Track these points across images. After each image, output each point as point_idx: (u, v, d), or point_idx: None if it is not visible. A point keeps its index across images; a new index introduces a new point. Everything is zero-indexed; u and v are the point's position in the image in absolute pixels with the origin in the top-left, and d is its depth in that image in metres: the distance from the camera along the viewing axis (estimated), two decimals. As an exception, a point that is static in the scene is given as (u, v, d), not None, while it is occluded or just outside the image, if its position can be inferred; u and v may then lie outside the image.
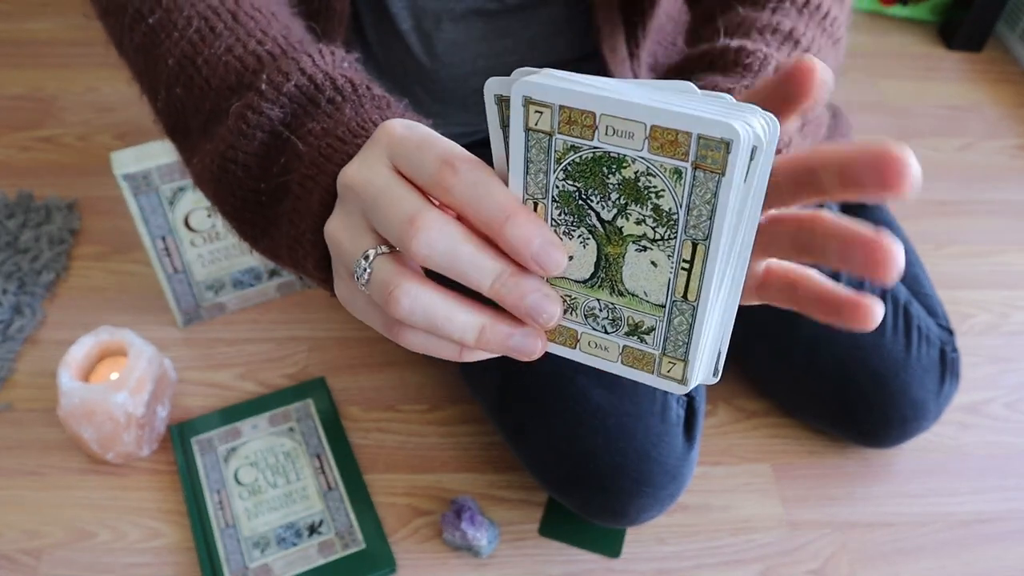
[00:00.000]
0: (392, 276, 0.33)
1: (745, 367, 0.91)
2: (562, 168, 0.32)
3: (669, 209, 0.31)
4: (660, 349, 0.35)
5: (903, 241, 0.89)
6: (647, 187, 0.31)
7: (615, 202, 0.32)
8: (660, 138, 0.30)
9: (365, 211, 0.34)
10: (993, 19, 1.43)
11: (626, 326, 0.35)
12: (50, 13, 1.43)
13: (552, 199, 0.33)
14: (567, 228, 0.33)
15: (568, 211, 0.33)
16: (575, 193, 0.32)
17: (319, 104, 0.42)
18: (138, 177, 0.81)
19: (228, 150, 0.43)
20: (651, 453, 0.71)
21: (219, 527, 0.78)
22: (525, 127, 0.31)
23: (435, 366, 0.94)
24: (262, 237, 0.45)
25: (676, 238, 0.32)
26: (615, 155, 0.31)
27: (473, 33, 0.72)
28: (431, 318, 0.33)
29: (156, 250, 0.88)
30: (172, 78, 0.47)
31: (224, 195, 0.45)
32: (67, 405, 0.78)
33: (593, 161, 0.31)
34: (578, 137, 0.31)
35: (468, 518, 0.77)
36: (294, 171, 0.41)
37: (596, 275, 0.34)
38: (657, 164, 0.30)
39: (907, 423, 0.80)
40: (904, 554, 0.81)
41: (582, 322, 0.36)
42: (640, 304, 0.34)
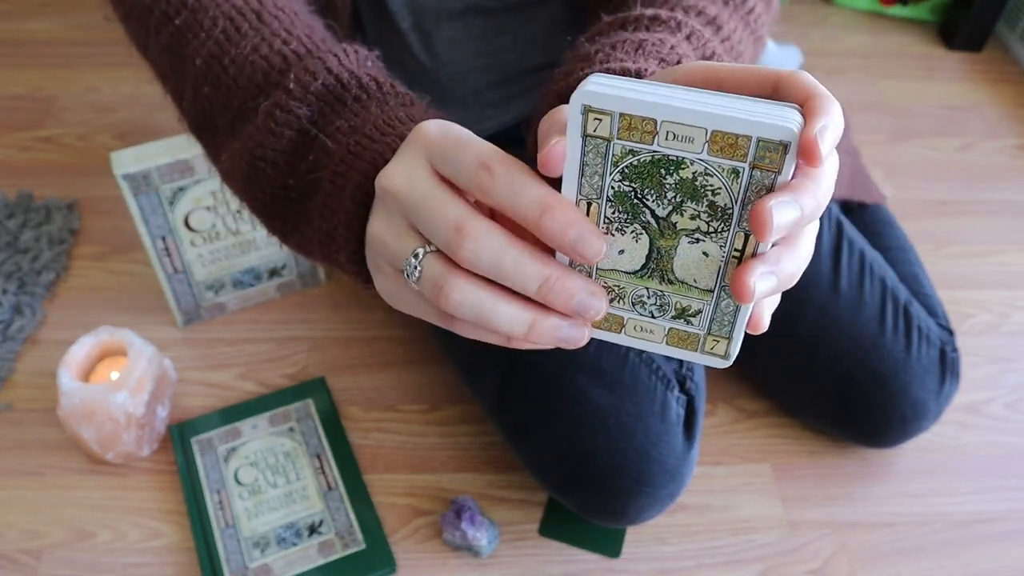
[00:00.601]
0: (441, 273, 0.34)
1: (745, 367, 0.91)
2: (619, 171, 0.33)
3: (724, 205, 0.33)
4: (706, 329, 0.37)
5: (903, 241, 0.89)
6: (704, 186, 0.33)
7: (671, 200, 0.33)
8: (720, 142, 0.31)
9: (407, 214, 0.35)
10: (993, 19, 1.43)
11: (673, 310, 0.37)
12: (50, 13, 1.43)
13: (607, 199, 0.34)
14: (620, 225, 0.35)
15: (623, 209, 0.34)
16: (630, 193, 0.34)
17: (346, 103, 0.43)
18: (138, 177, 0.81)
19: (257, 148, 0.44)
20: (651, 453, 0.71)
21: (219, 527, 0.78)
22: (583, 133, 0.32)
23: (435, 366, 0.94)
24: (292, 232, 0.46)
25: (729, 230, 0.34)
26: (674, 158, 0.32)
27: (472, 31, 0.73)
28: (479, 313, 0.34)
29: (156, 250, 0.88)
30: (200, 78, 0.48)
31: (254, 191, 0.46)
32: (67, 405, 0.78)
33: (651, 164, 0.33)
34: (637, 142, 0.32)
35: (468, 518, 0.77)
36: (324, 168, 0.42)
37: (647, 266, 0.36)
38: (715, 165, 0.32)
39: (907, 423, 0.80)
40: (904, 554, 0.81)
41: (629, 309, 0.37)
42: (689, 290, 0.36)
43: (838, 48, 1.47)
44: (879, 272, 0.81)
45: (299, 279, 1.00)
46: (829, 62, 1.43)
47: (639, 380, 0.72)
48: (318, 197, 0.43)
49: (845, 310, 0.80)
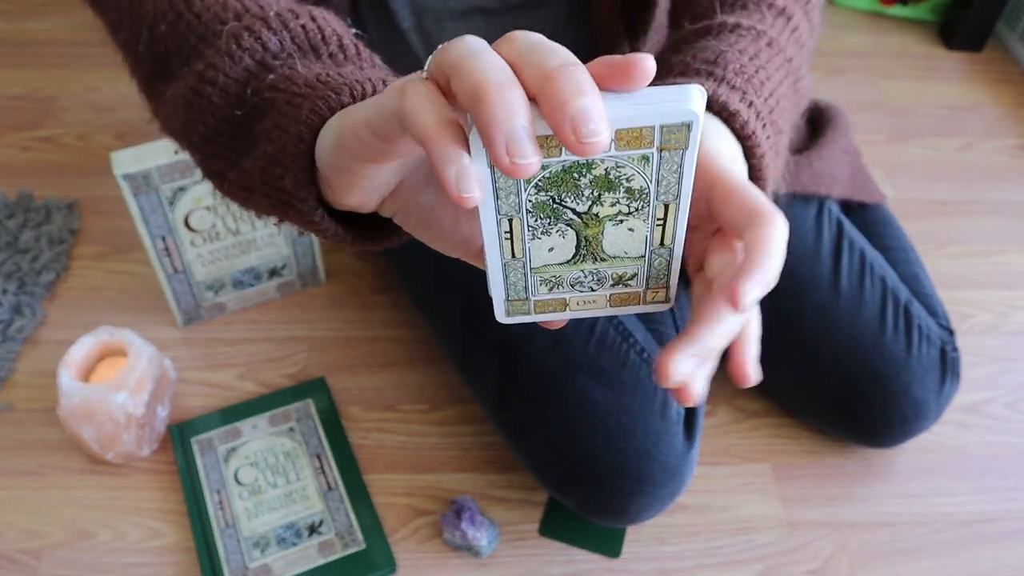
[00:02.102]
0: None
1: (745, 367, 0.90)
2: (533, 186, 0.34)
3: (640, 188, 0.34)
4: (644, 286, 0.39)
5: (903, 241, 0.89)
6: (618, 177, 0.34)
7: (589, 196, 0.34)
8: (625, 137, 0.32)
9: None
10: (993, 19, 1.43)
11: (611, 280, 0.38)
12: (50, 13, 1.43)
13: (526, 211, 0.35)
14: (544, 228, 0.36)
15: (544, 216, 0.35)
16: (548, 201, 0.34)
17: (320, 54, 0.42)
18: (138, 177, 0.81)
19: (208, 70, 0.42)
20: (651, 452, 0.71)
21: (219, 527, 0.78)
22: (489, 163, 0.32)
23: (435, 366, 0.94)
24: (231, 168, 0.43)
25: (649, 206, 0.35)
26: (584, 162, 0.33)
27: (474, 31, 0.73)
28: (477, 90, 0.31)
29: (156, 250, 0.88)
30: (159, 16, 0.45)
31: (195, 123, 0.44)
32: (67, 405, 0.77)
33: (563, 172, 0.33)
34: (546, 156, 0.32)
35: (468, 518, 0.77)
36: (283, 92, 0.40)
37: (577, 254, 0.37)
38: (625, 157, 0.33)
39: (907, 423, 0.80)
40: (904, 554, 0.81)
41: (568, 290, 0.39)
42: (622, 262, 0.38)
43: (838, 48, 1.47)
44: (879, 272, 0.81)
45: (299, 279, 1.00)
46: (829, 62, 1.43)
47: (639, 379, 0.72)
48: (269, 118, 0.40)
49: (845, 310, 0.80)
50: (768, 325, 0.83)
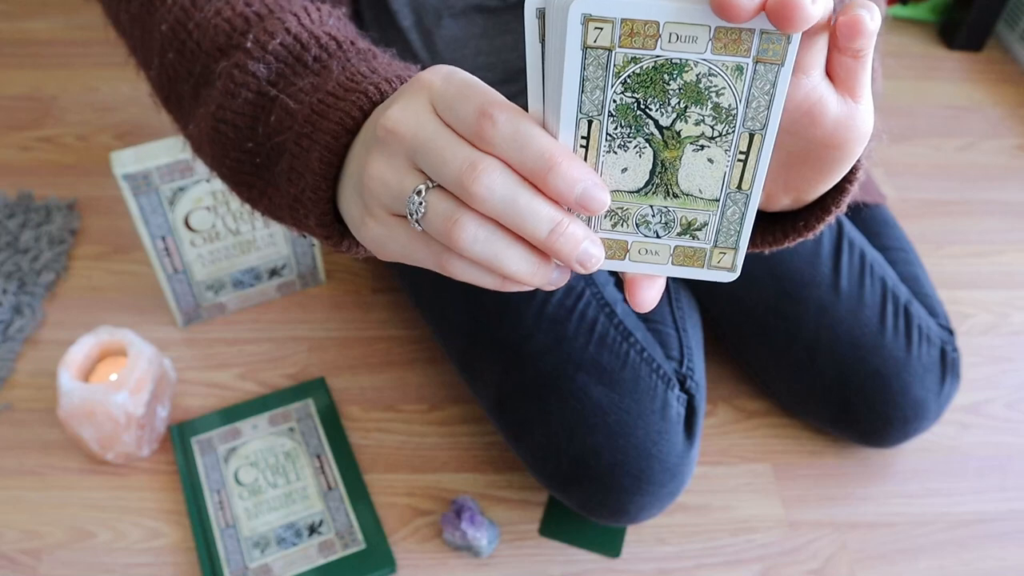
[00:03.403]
0: (452, 208, 0.33)
1: (745, 367, 0.91)
2: (621, 82, 0.32)
3: (729, 105, 0.33)
4: (712, 242, 0.36)
5: (903, 241, 0.89)
6: (708, 87, 0.32)
7: (675, 107, 0.33)
8: (724, 38, 0.31)
9: (412, 155, 0.34)
10: (993, 19, 1.43)
11: (679, 226, 0.36)
12: (50, 13, 1.43)
13: (608, 114, 0.33)
14: (623, 141, 0.34)
15: (625, 123, 0.33)
16: (633, 104, 0.33)
17: (306, 63, 0.43)
18: (138, 177, 0.81)
19: (218, 110, 0.44)
20: (651, 451, 0.71)
21: (219, 527, 0.78)
22: (583, 45, 0.31)
23: (435, 366, 0.94)
24: (260, 198, 0.45)
25: (734, 132, 0.33)
26: (677, 61, 0.31)
27: (473, 29, 0.73)
28: (491, 251, 0.33)
29: (156, 250, 0.88)
30: (166, 44, 0.47)
31: (220, 157, 0.45)
32: (67, 405, 0.77)
33: (654, 70, 0.32)
34: (640, 48, 0.31)
35: (468, 518, 0.77)
36: (287, 130, 0.41)
37: (651, 182, 0.35)
38: (719, 64, 0.31)
39: (908, 423, 0.80)
40: (904, 554, 0.81)
41: (633, 231, 0.36)
42: (694, 202, 0.35)
43: (838, 48, 1.47)
44: (879, 272, 0.81)
45: (299, 279, 1.00)
46: (829, 62, 1.43)
47: (639, 378, 0.72)
48: (284, 160, 0.42)
49: (846, 310, 0.80)
50: (768, 325, 0.83)
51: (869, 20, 0.31)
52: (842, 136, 0.35)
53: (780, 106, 0.33)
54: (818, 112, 0.34)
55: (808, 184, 0.38)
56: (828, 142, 0.35)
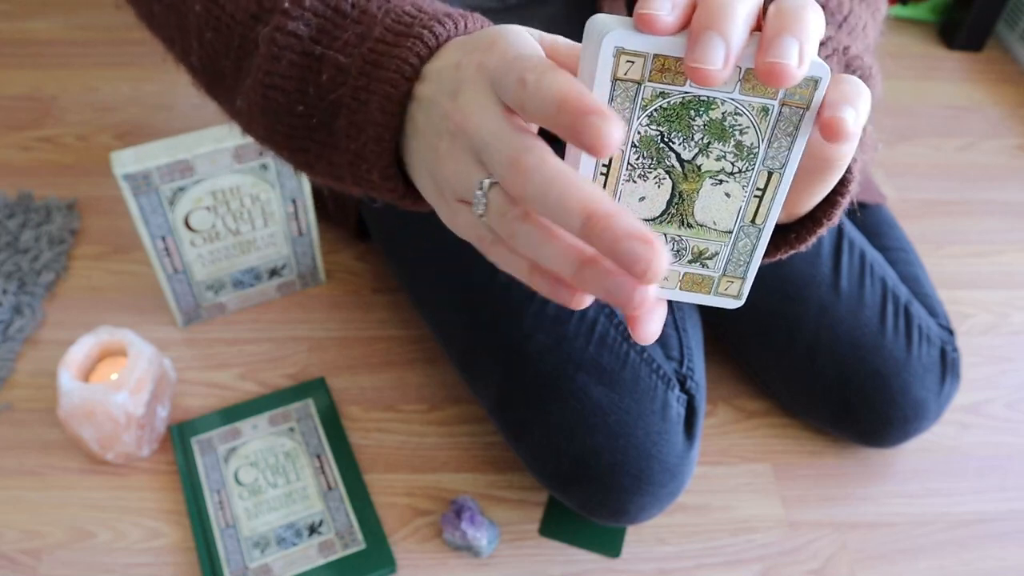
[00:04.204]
0: (507, 205, 0.33)
1: (745, 367, 0.91)
2: (647, 115, 0.32)
3: (751, 144, 0.33)
4: (721, 271, 0.37)
5: (903, 241, 0.90)
6: (732, 126, 0.33)
7: (698, 142, 0.33)
8: (752, 80, 0.31)
9: (476, 150, 0.34)
10: (993, 19, 1.43)
11: (690, 255, 0.37)
12: (50, 13, 1.43)
13: (631, 144, 0.33)
14: (643, 171, 0.34)
15: (647, 154, 0.34)
16: (656, 137, 0.33)
17: (344, 12, 0.42)
18: (138, 177, 0.81)
19: (265, 76, 0.43)
20: (651, 451, 0.71)
21: (219, 527, 0.78)
22: (613, 77, 0.31)
23: (435, 366, 0.94)
24: (318, 161, 0.45)
25: (754, 169, 0.34)
26: (704, 98, 0.32)
27: (473, 32, 0.72)
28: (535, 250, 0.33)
29: (156, 250, 0.88)
30: (202, 24, 0.47)
31: (272, 125, 0.45)
32: (67, 405, 0.77)
33: (681, 106, 0.32)
34: (670, 84, 0.32)
35: (468, 518, 0.77)
36: (341, 86, 0.41)
37: (667, 211, 0.35)
38: (746, 104, 0.32)
39: (908, 423, 0.80)
40: (904, 554, 0.81)
41: None
42: (708, 233, 0.36)
43: (838, 48, 1.47)
44: (879, 272, 0.81)
45: (299, 279, 1.00)
46: (829, 62, 1.43)
47: (639, 378, 0.72)
48: (342, 116, 0.41)
49: (846, 310, 0.80)
50: (768, 325, 0.83)
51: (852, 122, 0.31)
52: (828, 154, 0.35)
53: (801, 147, 0.33)
54: None
55: (799, 198, 0.38)
56: (814, 158, 0.35)
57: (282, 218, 0.92)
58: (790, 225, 0.43)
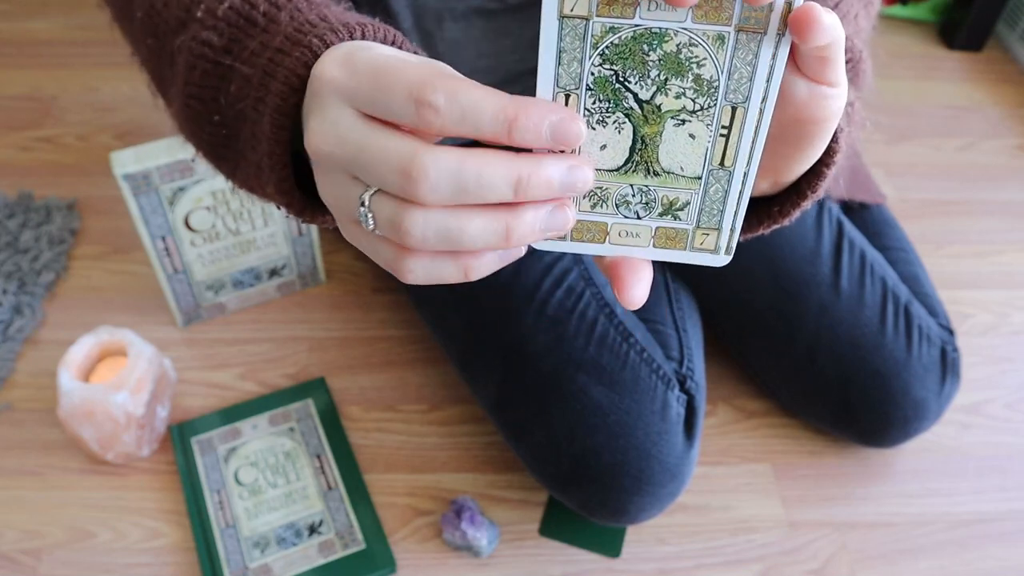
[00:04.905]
0: (395, 211, 0.32)
1: (745, 367, 0.91)
2: (598, 53, 0.31)
3: (710, 77, 0.32)
4: (694, 223, 0.35)
5: (903, 241, 0.90)
6: (689, 58, 0.31)
7: (655, 79, 0.32)
8: (704, 5, 0.30)
9: (347, 169, 0.33)
10: (993, 19, 1.43)
11: (660, 207, 0.35)
12: (50, 13, 1.43)
13: (586, 87, 0.32)
14: (601, 116, 0.33)
15: (603, 97, 0.32)
16: (611, 77, 0.32)
17: (255, 21, 0.41)
18: (138, 177, 0.81)
19: (185, 86, 0.43)
20: (651, 451, 0.71)
21: (219, 527, 0.78)
22: (560, 14, 0.30)
23: (435, 366, 0.94)
24: (235, 171, 0.44)
25: (716, 105, 0.32)
26: (656, 30, 0.30)
27: (474, 32, 0.72)
28: (447, 236, 0.32)
29: (156, 250, 0.88)
30: (144, 30, 0.47)
31: (196, 133, 0.44)
32: (67, 405, 0.77)
33: (633, 40, 0.31)
34: (618, 17, 0.30)
35: (468, 518, 0.77)
36: (246, 97, 0.40)
37: (631, 159, 0.34)
38: (700, 33, 0.30)
39: (908, 423, 0.80)
40: (904, 554, 0.81)
41: (612, 212, 0.35)
42: (676, 180, 0.34)
43: (838, 48, 1.47)
44: (880, 272, 0.81)
45: (299, 279, 1.00)
46: (829, 62, 1.43)
47: (639, 378, 0.72)
48: (245, 128, 0.41)
49: (846, 310, 0.80)
50: (768, 325, 0.83)
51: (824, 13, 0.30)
52: (813, 112, 0.34)
53: (764, 78, 0.31)
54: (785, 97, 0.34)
55: (785, 163, 0.37)
56: (799, 118, 0.34)
57: (282, 218, 0.92)
58: (774, 197, 0.42)
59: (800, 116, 0.34)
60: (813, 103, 0.34)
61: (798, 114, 0.34)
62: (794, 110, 0.34)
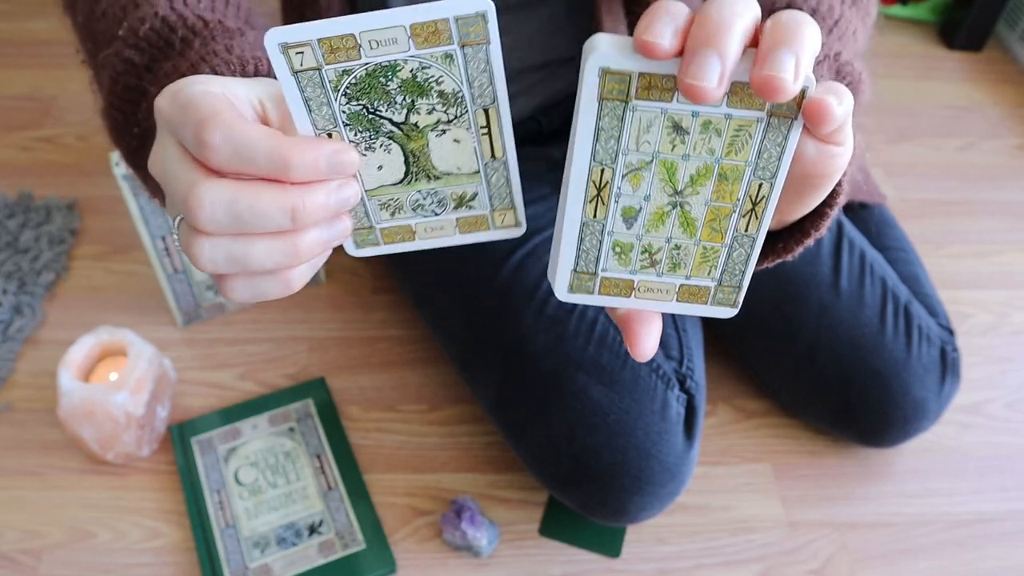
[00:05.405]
0: (186, 238, 0.34)
1: (746, 367, 0.91)
2: (342, 94, 0.33)
3: (453, 90, 0.34)
4: (489, 207, 0.38)
5: (903, 241, 0.89)
6: (426, 79, 0.34)
7: (402, 103, 0.34)
8: (422, 33, 0.32)
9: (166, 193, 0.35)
10: (993, 19, 1.43)
11: (452, 202, 0.38)
12: (50, 13, 1.43)
13: (343, 124, 0.34)
14: (367, 144, 0.35)
15: (362, 128, 0.35)
16: (362, 111, 0.34)
17: (173, 45, 0.43)
18: (138, 177, 0.81)
19: (108, 96, 0.45)
20: (651, 451, 0.71)
21: (219, 527, 0.78)
22: (291, 71, 0.32)
23: (435, 366, 0.94)
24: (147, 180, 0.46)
25: (468, 111, 0.35)
26: (386, 63, 0.33)
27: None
28: (236, 261, 0.34)
29: (156, 250, 0.88)
30: (83, 34, 0.49)
31: (117, 141, 0.46)
32: (67, 405, 0.77)
33: (368, 76, 0.33)
34: (346, 61, 0.32)
35: (468, 518, 0.77)
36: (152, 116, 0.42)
37: (409, 171, 0.36)
38: (428, 56, 0.33)
39: (908, 423, 0.80)
40: (904, 554, 0.81)
41: (411, 215, 0.38)
42: (457, 179, 0.37)
43: (838, 48, 1.47)
44: (879, 272, 0.81)
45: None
46: (829, 62, 1.43)
47: (639, 378, 0.72)
48: (148, 146, 0.43)
49: (846, 310, 0.80)
50: (768, 324, 0.83)
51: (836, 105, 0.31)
52: (820, 169, 0.36)
53: (502, 76, 0.34)
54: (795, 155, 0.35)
55: (790, 207, 0.39)
56: (806, 173, 0.36)
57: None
58: (779, 233, 0.44)
59: (807, 172, 0.36)
60: (821, 161, 0.35)
61: (804, 171, 0.36)
62: (801, 167, 0.36)
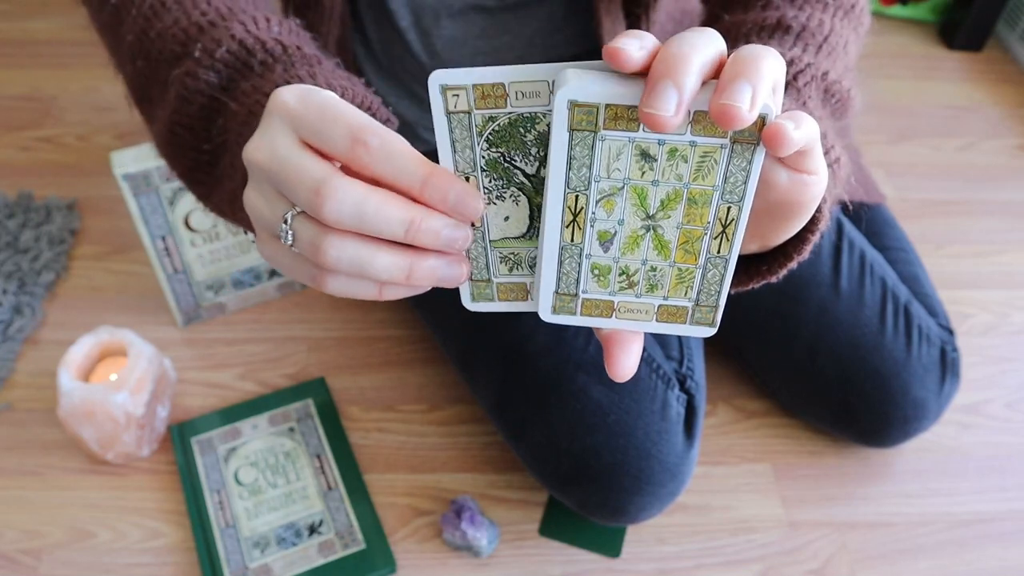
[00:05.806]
0: (315, 233, 0.35)
1: (746, 367, 0.91)
2: (484, 139, 0.36)
3: None
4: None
5: (903, 241, 0.90)
6: None
7: (535, 155, 0.36)
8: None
9: (272, 182, 0.36)
10: (993, 19, 1.43)
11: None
12: (50, 13, 1.43)
13: (481, 169, 0.36)
14: (499, 192, 0.37)
15: (496, 176, 0.37)
16: (499, 158, 0.36)
17: (252, 67, 0.45)
18: (138, 177, 0.81)
19: (173, 114, 0.46)
20: (651, 451, 0.71)
21: (219, 527, 0.78)
22: (445, 111, 0.35)
23: (435, 366, 0.94)
24: (210, 196, 0.48)
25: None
26: (528, 115, 0.35)
27: (472, 30, 0.73)
28: (358, 264, 0.36)
29: (156, 250, 0.88)
30: (134, 52, 0.50)
31: (177, 157, 0.48)
32: (67, 405, 0.77)
33: (510, 125, 0.35)
34: (493, 108, 0.35)
35: (468, 518, 0.77)
36: (230, 130, 0.44)
37: (531, 226, 0.38)
38: None
39: (908, 423, 0.80)
40: (904, 554, 0.81)
41: (528, 273, 0.39)
42: None
43: (838, 48, 1.46)
44: (879, 272, 0.81)
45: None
46: (829, 62, 1.43)
47: (639, 378, 0.72)
48: (225, 158, 0.45)
49: (846, 310, 0.80)
50: (768, 325, 0.83)
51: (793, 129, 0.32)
52: (794, 196, 0.37)
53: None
54: (768, 182, 0.37)
55: (772, 232, 0.40)
56: (782, 200, 0.37)
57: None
58: (763, 256, 0.45)
59: (782, 199, 0.37)
60: (794, 188, 0.37)
61: (779, 198, 0.37)
62: (776, 195, 0.37)
